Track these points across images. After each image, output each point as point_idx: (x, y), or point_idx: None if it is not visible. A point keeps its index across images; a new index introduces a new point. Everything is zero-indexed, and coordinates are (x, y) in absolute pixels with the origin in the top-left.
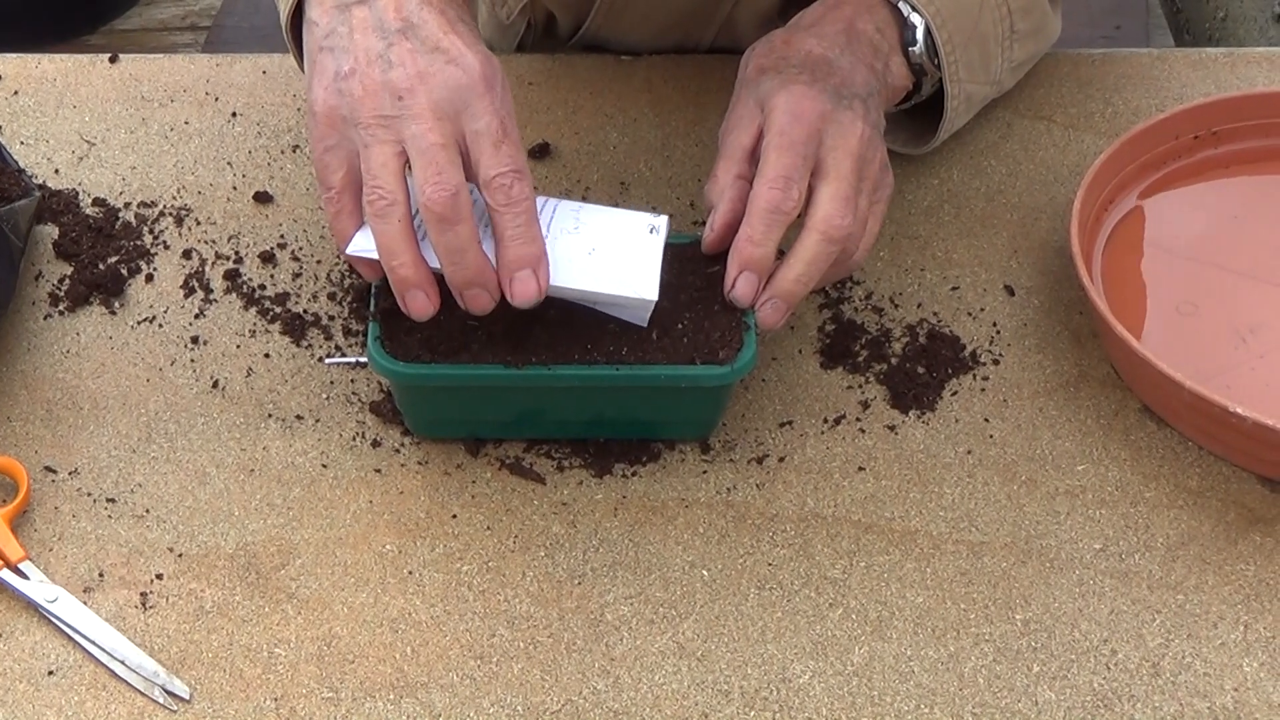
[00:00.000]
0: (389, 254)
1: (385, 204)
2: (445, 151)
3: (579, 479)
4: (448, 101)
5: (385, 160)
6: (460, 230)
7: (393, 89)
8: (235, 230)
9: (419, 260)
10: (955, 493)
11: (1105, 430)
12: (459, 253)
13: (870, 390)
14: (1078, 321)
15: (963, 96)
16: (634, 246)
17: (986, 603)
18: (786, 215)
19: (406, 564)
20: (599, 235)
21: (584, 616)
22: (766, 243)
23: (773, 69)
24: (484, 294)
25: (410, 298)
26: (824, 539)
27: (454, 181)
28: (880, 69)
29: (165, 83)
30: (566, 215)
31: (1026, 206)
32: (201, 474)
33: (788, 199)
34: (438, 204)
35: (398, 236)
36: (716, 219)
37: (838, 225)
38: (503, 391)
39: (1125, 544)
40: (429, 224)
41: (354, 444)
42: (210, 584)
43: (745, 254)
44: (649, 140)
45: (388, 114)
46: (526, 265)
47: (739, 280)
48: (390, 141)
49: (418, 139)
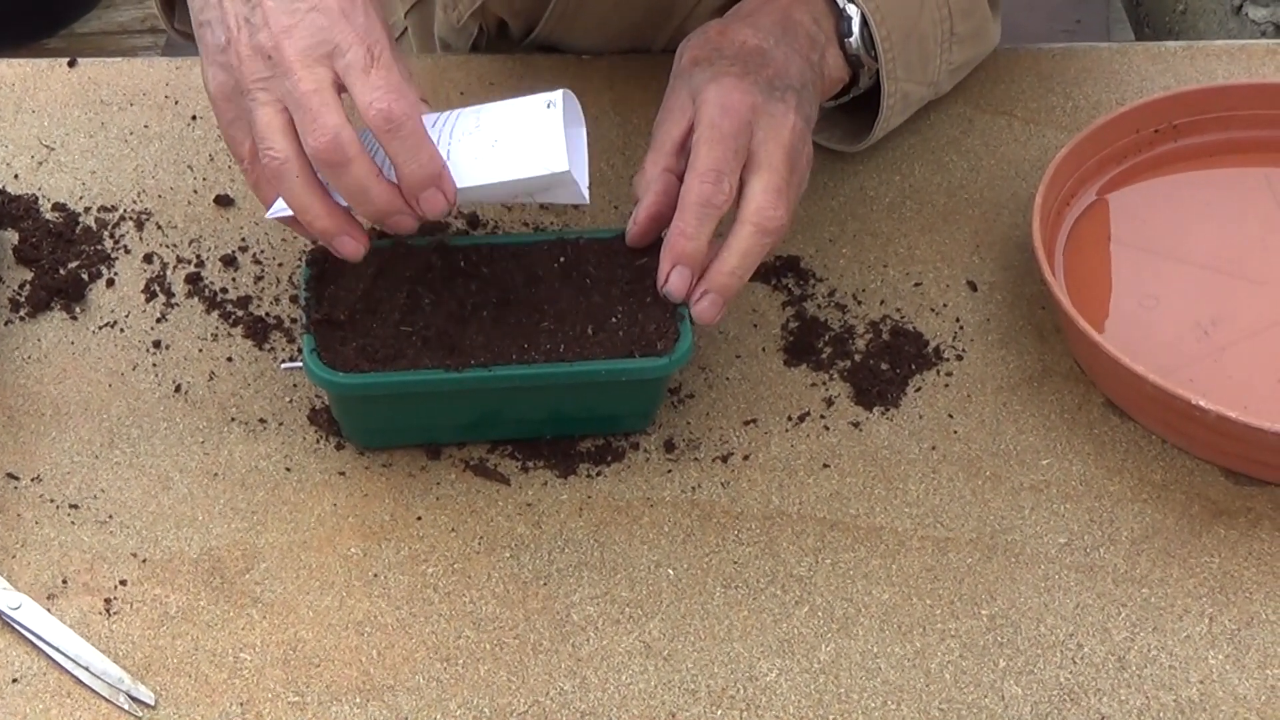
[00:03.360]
0: (300, 210)
1: (279, 163)
2: (318, 95)
3: (543, 479)
4: (314, 47)
5: (269, 120)
6: (353, 169)
7: (261, 50)
8: (196, 234)
9: (333, 208)
10: (920, 489)
11: (1069, 425)
12: (361, 192)
13: (834, 387)
14: (1040, 316)
15: (899, 95)
16: (534, 126)
17: (952, 598)
18: (718, 209)
19: (371, 567)
20: (498, 127)
21: (550, 617)
22: (699, 236)
23: (705, 60)
24: (402, 218)
25: (338, 244)
26: (789, 537)
27: (331, 123)
28: (816, 60)
29: (125, 86)
30: (468, 118)
31: (988, 202)
32: (165, 479)
33: (719, 192)
34: (322, 150)
35: (301, 192)
36: (641, 211)
37: (770, 217)
38: (445, 396)
39: (1090, 538)
40: (323, 173)
41: (318, 447)
42: (174, 589)
43: (678, 248)
44: (610, 139)
45: (262, 75)
46: (428, 183)
47: (672, 275)
48: (271, 102)
49: (291, 92)
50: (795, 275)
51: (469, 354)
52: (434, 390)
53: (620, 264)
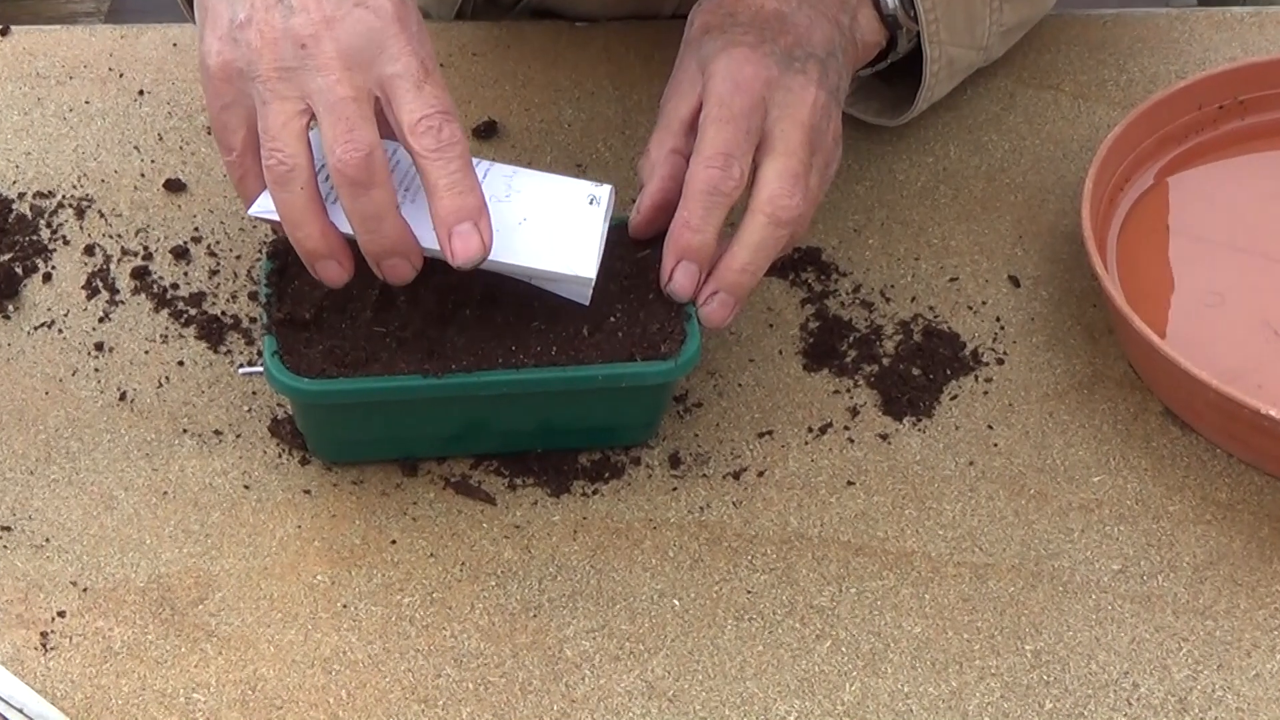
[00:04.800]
0: (293, 225)
1: (285, 170)
2: (356, 105)
3: (533, 498)
4: (358, 49)
5: (285, 119)
6: (376, 195)
7: (294, 37)
8: (144, 223)
9: (327, 229)
10: (956, 509)
11: (1123, 437)
12: (375, 220)
13: (859, 395)
14: (1091, 315)
15: (944, 60)
16: (571, 218)
17: (992, 632)
18: (727, 197)
19: (340, 596)
20: (532, 204)
21: (540, 653)
22: (706, 228)
23: (717, 28)
24: (404, 263)
25: (321, 267)
26: (809, 563)
27: (367, 140)
28: (846, 23)
29: (63, 57)
30: (498, 181)
31: (1032, 187)
32: (108, 497)
33: (728, 178)
34: (350, 166)
35: (301, 205)
36: (645, 199)
37: (786, 206)
38: (423, 405)
39: (1147, 564)
40: (340, 189)
41: (280, 462)
42: (119, 621)
43: (683, 241)
44: (608, 116)
45: (289, 65)
46: (467, 217)
47: (676, 272)
48: (292, 97)
49: (324, 93)
50: (816, 269)
51: (450, 357)
52: (410, 398)
53: (620, 256)
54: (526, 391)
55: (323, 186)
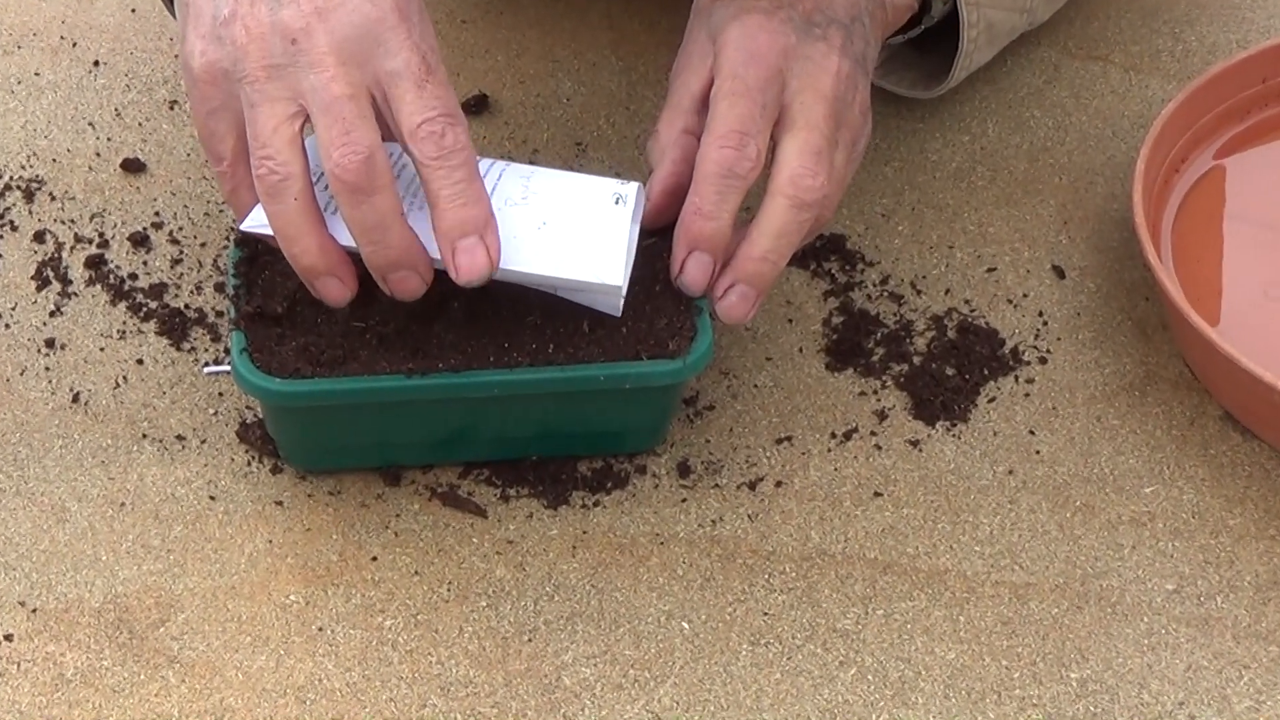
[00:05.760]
0: (287, 240)
1: (277, 179)
2: (354, 104)
3: (528, 510)
4: (354, 41)
5: (276, 123)
6: (378, 202)
7: (284, 31)
8: (100, 207)
9: (326, 244)
10: (994, 523)
11: (1178, 444)
12: (379, 229)
13: (888, 397)
14: (1143, 309)
15: (982, 25)
16: (595, 220)
17: (1034, 658)
18: (742, 179)
19: (315, 618)
20: (552, 206)
21: (536, 681)
22: (720, 214)
23: None
24: (413, 276)
25: (322, 286)
26: (832, 582)
27: (366, 142)
28: None
29: (10, 24)
30: (513, 182)
31: (1079, 168)
32: (60, 509)
33: (743, 159)
34: (349, 171)
35: (296, 218)
36: (655, 184)
37: (809, 187)
38: (406, 408)
39: (1204, 584)
40: (339, 196)
41: (249, 470)
42: (72, 646)
43: (694, 229)
44: (611, 90)
45: (278, 63)
46: (472, 230)
47: (688, 263)
48: (283, 99)
49: (318, 91)
50: (840, 258)
51: (436, 355)
52: (393, 400)
53: None
54: (521, 393)
55: (322, 196)
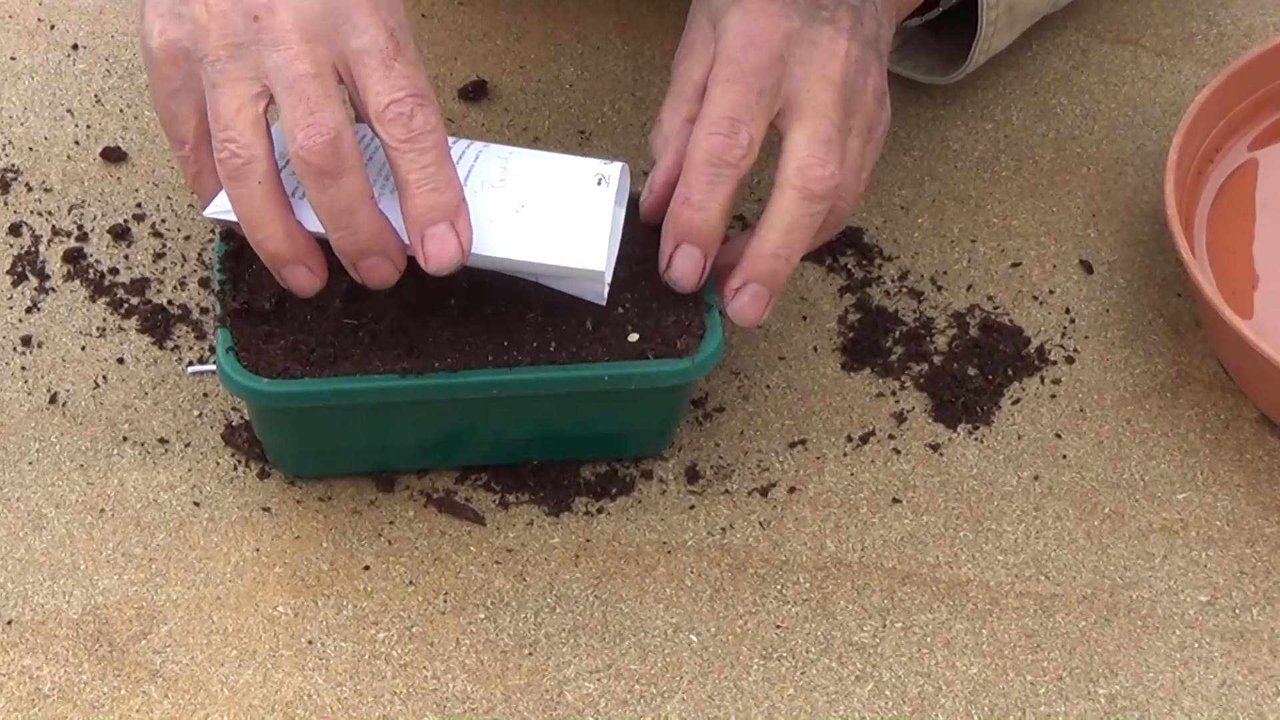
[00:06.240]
0: (252, 226)
1: (240, 162)
2: (319, 83)
3: (529, 517)
4: (318, 18)
5: (239, 104)
6: (346, 185)
7: (246, 8)
8: (79, 198)
9: (292, 229)
10: (1018, 531)
11: (1212, 448)
12: (347, 214)
13: (907, 399)
14: (1175, 306)
15: (1003, 6)
16: (576, 202)
17: (1060, 673)
18: (733, 168)
19: (305, 631)
20: (531, 188)
21: (536, 697)
22: (709, 205)
23: None
24: (385, 263)
25: (289, 274)
26: (848, 593)
27: (332, 122)
28: None
29: None
30: (490, 164)
31: (1108, 157)
32: (36, 516)
33: (734, 146)
34: (313, 153)
35: (260, 203)
36: (658, 175)
37: (819, 177)
38: (400, 409)
39: (1239, 595)
40: (305, 180)
41: (235, 475)
42: (49, 659)
43: (682, 220)
44: (616, 75)
45: (241, 41)
46: (441, 218)
47: (676, 257)
48: (245, 79)
49: (282, 70)
50: (857, 252)
51: (432, 354)
52: (386, 401)
53: (630, 238)
54: (521, 394)
55: (290, 181)
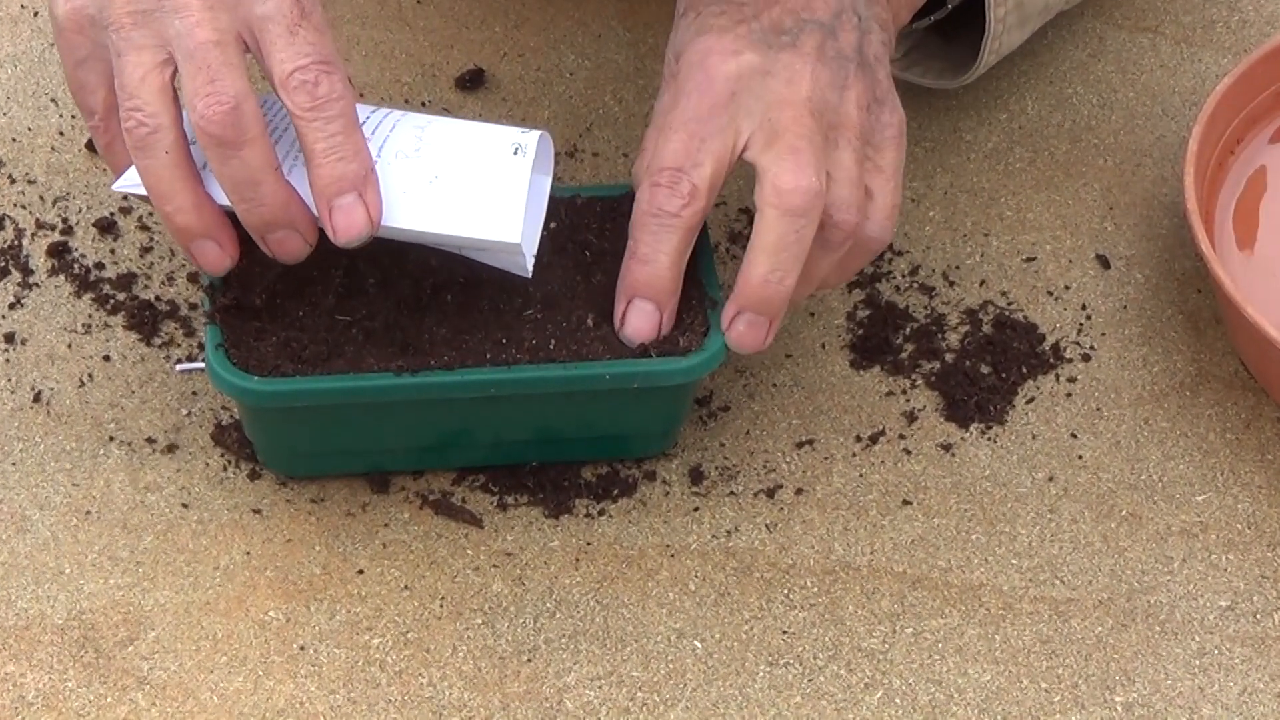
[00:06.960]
0: (160, 198)
1: (146, 131)
2: (220, 50)
3: (528, 519)
4: None
5: (144, 72)
6: (247, 155)
7: None
8: (63, 189)
9: (202, 202)
10: (1032, 534)
11: (1233, 448)
12: (249, 185)
13: (918, 397)
14: (1195, 302)
15: (1012, 3)
16: (491, 172)
17: (1075, 680)
18: (675, 216)
19: (297, 636)
20: (445, 159)
21: (535, 704)
22: (655, 257)
23: (693, 7)
24: (293, 236)
25: (198, 250)
26: (857, 597)
27: (232, 90)
28: None
29: None
30: (406, 133)
31: (1125, 149)
32: (19, 518)
33: (674, 196)
34: (213, 122)
35: (167, 174)
36: None
37: (793, 189)
38: (395, 409)
39: (1261, 600)
40: (206, 150)
41: (225, 476)
42: (33, 665)
43: (630, 276)
44: (618, 64)
45: (145, 8)
46: (349, 188)
47: (629, 312)
48: (150, 46)
49: (183, 37)
50: None
51: (427, 352)
52: (381, 400)
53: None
54: (520, 393)
55: (201, 155)
